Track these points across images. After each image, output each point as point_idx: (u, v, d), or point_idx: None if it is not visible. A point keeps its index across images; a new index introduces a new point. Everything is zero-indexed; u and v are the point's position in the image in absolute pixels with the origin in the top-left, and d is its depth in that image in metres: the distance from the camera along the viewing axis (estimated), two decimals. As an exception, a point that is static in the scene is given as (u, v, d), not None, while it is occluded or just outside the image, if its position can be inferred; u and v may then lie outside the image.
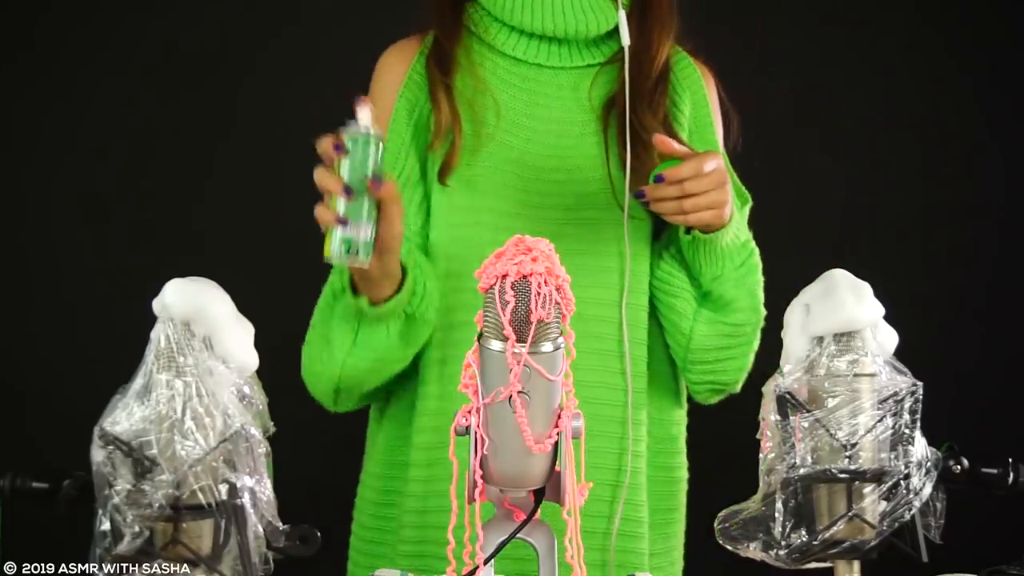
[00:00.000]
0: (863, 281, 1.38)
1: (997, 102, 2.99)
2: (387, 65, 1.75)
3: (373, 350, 1.62)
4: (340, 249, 1.40)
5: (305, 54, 2.83)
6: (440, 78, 1.71)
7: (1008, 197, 2.98)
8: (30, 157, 2.77)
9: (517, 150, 1.71)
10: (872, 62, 2.99)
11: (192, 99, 2.79)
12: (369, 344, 1.62)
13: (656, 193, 1.60)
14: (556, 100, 1.74)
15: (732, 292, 1.70)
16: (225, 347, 1.27)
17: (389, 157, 1.68)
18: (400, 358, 1.65)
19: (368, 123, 1.40)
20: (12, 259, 2.75)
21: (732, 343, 1.72)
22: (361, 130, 1.40)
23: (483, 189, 1.69)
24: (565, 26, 1.71)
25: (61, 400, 2.55)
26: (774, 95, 2.85)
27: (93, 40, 2.78)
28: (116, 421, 1.23)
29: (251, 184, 2.81)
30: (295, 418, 1.47)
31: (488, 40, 1.73)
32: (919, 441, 1.35)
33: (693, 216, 1.60)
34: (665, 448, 1.75)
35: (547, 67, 1.74)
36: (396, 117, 1.71)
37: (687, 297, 1.72)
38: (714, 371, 1.73)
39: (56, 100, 2.77)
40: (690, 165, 1.58)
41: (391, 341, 1.62)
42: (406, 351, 1.65)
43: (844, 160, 2.96)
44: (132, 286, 1.64)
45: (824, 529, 1.32)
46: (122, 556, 1.21)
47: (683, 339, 1.73)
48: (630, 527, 1.69)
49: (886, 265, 1.93)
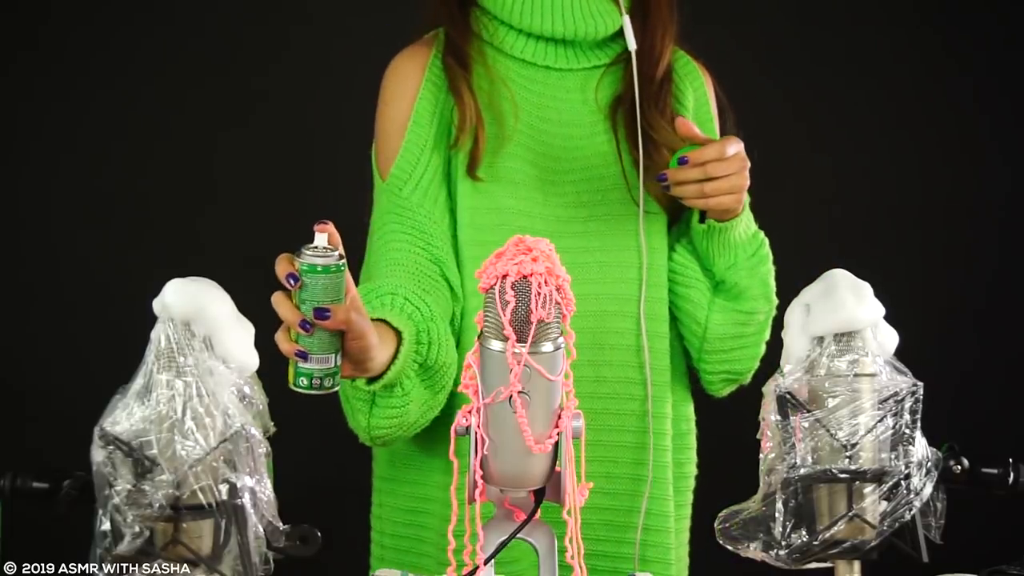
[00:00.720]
0: (863, 281, 1.38)
1: (997, 102, 2.99)
2: (401, 70, 1.73)
3: (394, 409, 1.56)
4: (303, 383, 1.34)
5: (306, 55, 2.83)
6: (461, 73, 1.71)
7: (1008, 197, 2.98)
8: (31, 158, 2.77)
9: (534, 152, 1.72)
10: (871, 61, 2.99)
11: (193, 99, 2.80)
12: (389, 405, 1.56)
13: (678, 176, 1.62)
14: (564, 102, 1.75)
15: (745, 281, 1.73)
16: (225, 347, 1.27)
17: (410, 159, 1.68)
18: (432, 405, 1.61)
19: (324, 249, 1.30)
20: (12, 259, 2.75)
21: (746, 331, 1.75)
22: (319, 259, 1.29)
23: (506, 191, 1.69)
24: (575, 28, 1.72)
25: (61, 400, 2.55)
26: (774, 95, 2.85)
27: (94, 41, 2.78)
28: (116, 421, 1.23)
29: (251, 184, 2.81)
30: (295, 418, 1.47)
31: (496, 43, 1.74)
32: (919, 441, 1.35)
33: (714, 200, 1.63)
34: (677, 444, 1.76)
35: (554, 69, 1.75)
36: (417, 119, 1.70)
37: (701, 287, 1.74)
38: (729, 360, 1.76)
39: (56, 100, 2.77)
40: (714, 148, 1.61)
41: (411, 397, 1.56)
42: (436, 397, 1.61)
43: (844, 160, 2.97)
44: (132, 286, 1.64)
45: (824, 529, 1.32)
46: (122, 556, 1.20)
47: (699, 328, 1.75)
48: (656, 521, 1.71)
49: (886, 265, 1.93)
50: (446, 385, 1.61)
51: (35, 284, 2.77)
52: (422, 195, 1.67)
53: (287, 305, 1.31)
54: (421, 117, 1.70)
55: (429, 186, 1.68)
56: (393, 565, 1.73)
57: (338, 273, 1.30)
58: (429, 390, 1.59)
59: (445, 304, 1.64)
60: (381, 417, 1.56)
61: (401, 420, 1.57)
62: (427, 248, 1.65)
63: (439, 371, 1.58)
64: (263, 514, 1.25)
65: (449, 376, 1.61)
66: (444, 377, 1.60)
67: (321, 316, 1.30)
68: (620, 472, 1.70)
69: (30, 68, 2.76)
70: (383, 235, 1.68)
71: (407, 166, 1.68)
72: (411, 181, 1.68)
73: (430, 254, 1.65)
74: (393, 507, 1.75)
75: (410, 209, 1.67)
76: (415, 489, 1.73)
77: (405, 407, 1.56)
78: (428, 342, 1.56)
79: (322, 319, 1.30)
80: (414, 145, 1.69)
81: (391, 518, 1.76)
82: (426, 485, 1.71)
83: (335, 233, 1.30)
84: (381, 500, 1.78)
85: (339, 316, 1.31)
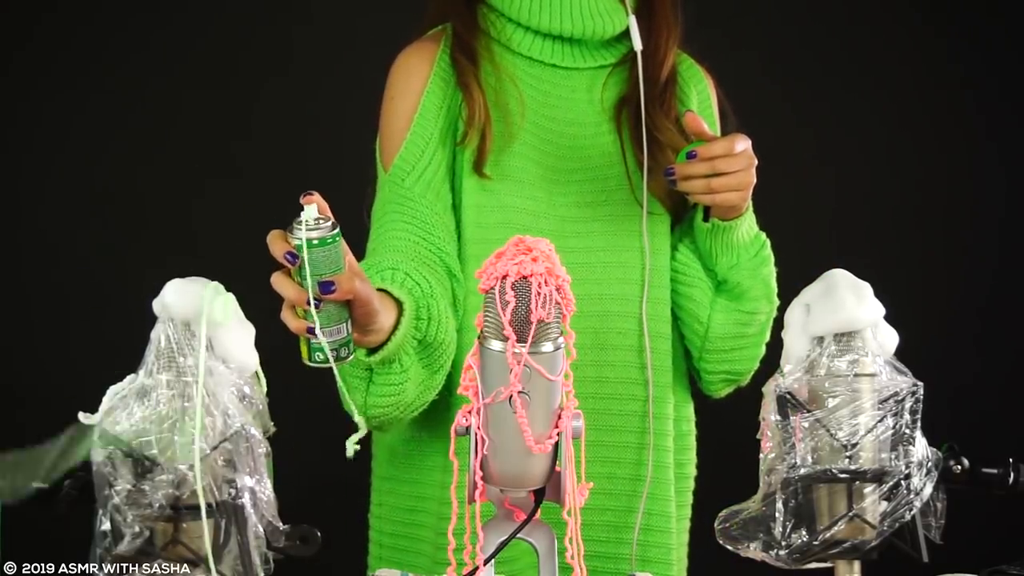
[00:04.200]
0: (863, 281, 1.38)
1: (997, 102, 2.99)
2: (409, 64, 1.73)
3: (392, 386, 1.54)
4: (319, 357, 1.32)
5: (306, 54, 2.83)
6: (469, 67, 1.71)
7: (1008, 197, 2.98)
8: (28, 158, 2.77)
9: (539, 150, 1.72)
10: (871, 63, 2.99)
11: (193, 99, 2.79)
12: (387, 382, 1.53)
13: (686, 170, 1.63)
14: (570, 101, 1.75)
15: (748, 281, 1.73)
16: (225, 347, 1.27)
17: (414, 151, 1.68)
18: (429, 385, 1.59)
19: (315, 220, 1.26)
20: (12, 259, 2.75)
21: (748, 331, 1.75)
22: (314, 232, 1.26)
23: (511, 190, 1.69)
24: (583, 27, 1.72)
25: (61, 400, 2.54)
26: (774, 96, 2.85)
27: (92, 40, 2.77)
28: (116, 421, 1.23)
29: (252, 183, 2.81)
30: (295, 418, 1.47)
31: (503, 40, 1.74)
32: (919, 441, 1.35)
33: (720, 196, 1.63)
34: (678, 444, 1.76)
35: (561, 67, 1.75)
36: (423, 112, 1.69)
37: (704, 287, 1.75)
38: (730, 359, 1.76)
39: (55, 100, 2.76)
40: (722, 144, 1.62)
41: (409, 374, 1.54)
42: (434, 378, 1.59)
43: (844, 160, 2.97)
44: (131, 286, 1.64)
45: (824, 529, 1.32)
46: (122, 556, 1.20)
47: (701, 328, 1.75)
48: (657, 521, 1.71)
49: (886, 265, 1.93)
50: (444, 365, 1.59)
51: (34, 284, 2.76)
52: (424, 187, 1.67)
53: (290, 284, 1.28)
54: (427, 111, 1.70)
55: (432, 179, 1.67)
56: (391, 564, 1.73)
57: (335, 243, 1.27)
58: (427, 369, 1.57)
59: (445, 285, 1.63)
60: (378, 395, 1.54)
61: (398, 399, 1.55)
62: (427, 238, 1.65)
63: (437, 349, 1.57)
64: (263, 514, 1.25)
65: (448, 355, 1.59)
66: (442, 356, 1.58)
67: (327, 290, 1.27)
68: (622, 472, 1.70)
69: (28, 68, 2.76)
70: (383, 224, 1.67)
71: (411, 158, 1.67)
72: (414, 172, 1.67)
73: (430, 243, 1.64)
74: (392, 506, 1.75)
75: (412, 200, 1.66)
76: (414, 488, 1.73)
77: (403, 384, 1.54)
78: (428, 317, 1.54)
79: (328, 293, 1.27)
80: (419, 138, 1.68)
81: (390, 517, 1.75)
82: (425, 484, 1.71)
83: (323, 202, 1.27)
84: (380, 499, 1.78)
85: (344, 286, 1.29)
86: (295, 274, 1.28)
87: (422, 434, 1.72)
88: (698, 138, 1.65)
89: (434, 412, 1.69)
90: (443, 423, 1.68)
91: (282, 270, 1.29)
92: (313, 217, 1.26)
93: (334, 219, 1.27)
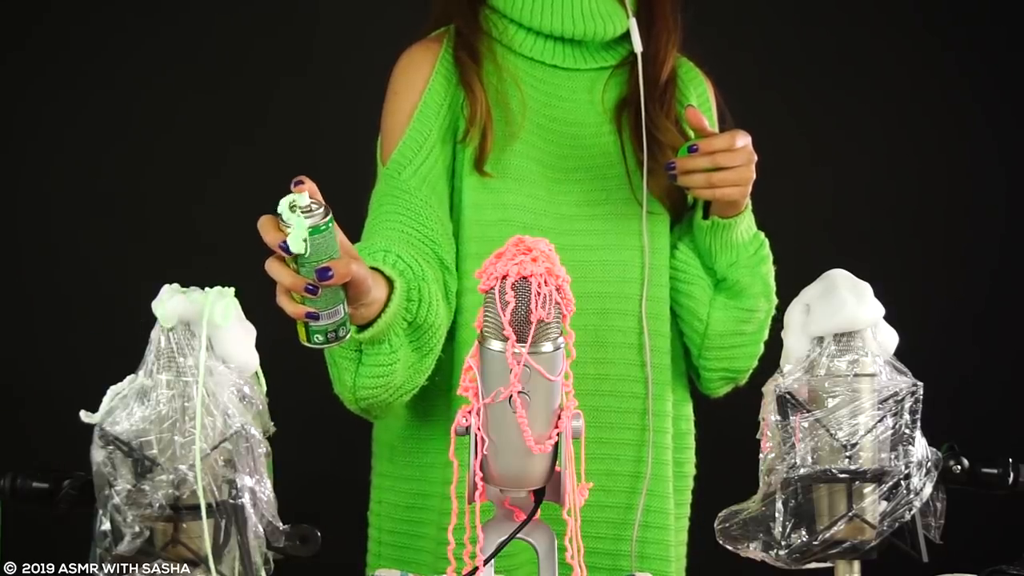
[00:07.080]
0: (863, 281, 1.38)
1: (997, 102, 2.99)
2: (412, 62, 1.73)
3: (381, 367, 1.53)
4: (319, 339, 1.32)
5: (310, 57, 2.83)
6: (472, 66, 1.72)
7: (1008, 197, 2.98)
8: (28, 159, 2.77)
9: (540, 149, 1.73)
10: (870, 64, 2.99)
11: (193, 99, 2.79)
12: (376, 363, 1.53)
13: (687, 164, 1.64)
14: (571, 102, 1.76)
15: (747, 279, 1.74)
16: (225, 347, 1.27)
17: (413, 146, 1.68)
18: (419, 368, 1.58)
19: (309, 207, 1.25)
20: (12, 259, 2.75)
21: (747, 329, 1.76)
22: (308, 219, 1.24)
23: (511, 188, 1.70)
24: (584, 28, 1.73)
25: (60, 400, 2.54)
26: (773, 96, 2.85)
27: (92, 41, 2.77)
28: (116, 421, 1.23)
29: (252, 183, 2.80)
30: (295, 418, 1.47)
31: (505, 41, 1.75)
32: (919, 441, 1.35)
33: (720, 191, 1.64)
34: (677, 443, 1.77)
35: (562, 68, 1.76)
36: (424, 109, 1.70)
37: (703, 285, 1.76)
38: (729, 357, 1.77)
39: (55, 100, 2.76)
40: (723, 138, 1.64)
41: (398, 356, 1.53)
42: (423, 361, 1.58)
43: (844, 161, 2.97)
44: (131, 286, 1.64)
45: (824, 529, 1.32)
46: (122, 556, 1.21)
47: (700, 325, 1.76)
48: (656, 519, 1.72)
49: (886, 265, 1.93)
50: (434, 348, 1.59)
51: (35, 284, 2.76)
52: (420, 181, 1.67)
53: (287, 271, 1.27)
54: (428, 108, 1.70)
55: (429, 174, 1.68)
56: (391, 562, 1.73)
57: (328, 230, 1.26)
58: (417, 352, 1.57)
59: (437, 272, 1.63)
60: (367, 376, 1.53)
61: (387, 380, 1.54)
62: (421, 229, 1.64)
63: (428, 331, 1.56)
64: (263, 514, 1.25)
65: (437, 339, 1.59)
66: (432, 338, 1.57)
67: (324, 276, 1.27)
68: (621, 470, 1.71)
69: (27, 68, 2.76)
70: (378, 214, 1.67)
71: (409, 152, 1.68)
72: (411, 166, 1.67)
73: (423, 234, 1.64)
74: (392, 504, 1.75)
75: (408, 192, 1.66)
76: (414, 486, 1.73)
77: (392, 365, 1.53)
78: (419, 299, 1.54)
79: (326, 279, 1.27)
80: (418, 133, 1.69)
81: (389, 515, 1.75)
82: (427, 482, 1.71)
83: (314, 186, 1.26)
84: (380, 497, 1.78)
85: (341, 271, 1.28)
86: (290, 260, 1.27)
87: (422, 432, 1.72)
88: (699, 133, 1.66)
89: (434, 411, 1.69)
90: (442, 421, 1.69)
91: (275, 255, 1.28)
92: (305, 204, 1.24)
93: (325, 203, 1.26)
